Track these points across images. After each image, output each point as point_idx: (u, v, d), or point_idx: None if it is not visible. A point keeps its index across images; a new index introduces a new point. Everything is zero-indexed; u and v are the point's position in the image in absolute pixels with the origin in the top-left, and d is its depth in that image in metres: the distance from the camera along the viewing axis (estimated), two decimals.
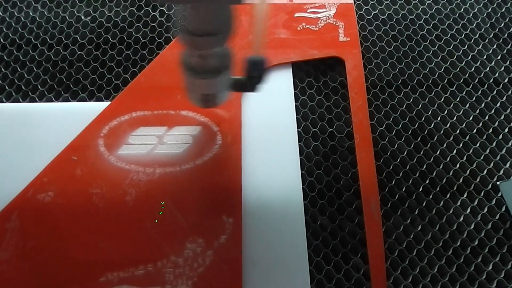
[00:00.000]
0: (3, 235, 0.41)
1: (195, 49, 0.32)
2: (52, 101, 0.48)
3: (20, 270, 0.40)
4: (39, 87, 0.49)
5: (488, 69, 0.51)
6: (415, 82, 0.51)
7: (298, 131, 0.47)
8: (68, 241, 0.41)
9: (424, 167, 0.46)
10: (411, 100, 0.49)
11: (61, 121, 0.46)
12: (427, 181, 0.46)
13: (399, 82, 0.50)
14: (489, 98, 0.50)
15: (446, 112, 0.49)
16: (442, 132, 0.48)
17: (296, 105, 0.48)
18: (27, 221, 0.41)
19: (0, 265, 0.40)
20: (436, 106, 0.49)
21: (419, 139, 0.48)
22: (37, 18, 0.53)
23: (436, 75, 0.51)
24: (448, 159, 0.47)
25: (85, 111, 0.46)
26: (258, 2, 0.33)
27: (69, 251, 0.40)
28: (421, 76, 0.51)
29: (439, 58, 0.52)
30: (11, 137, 0.45)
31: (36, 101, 0.48)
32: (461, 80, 0.51)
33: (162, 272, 0.40)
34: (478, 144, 0.48)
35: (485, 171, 0.46)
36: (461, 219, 0.44)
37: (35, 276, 0.40)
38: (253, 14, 0.33)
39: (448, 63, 0.52)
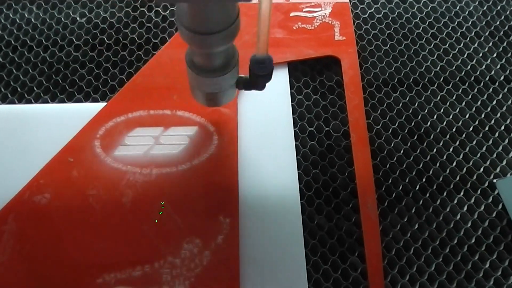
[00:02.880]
0: (0, 237, 0.41)
1: (197, 48, 0.31)
2: (48, 103, 0.48)
3: (17, 273, 0.40)
4: (35, 88, 0.49)
5: (484, 67, 0.51)
6: (411, 80, 0.51)
7: (294, 130, 0.47)
8: (65, 243, 0.41)
9: (421, 165, 0.47)
10: (407, 99, 0.49)
11: (57, 122, 0.46)
12: (424, 180, 0.46)
13: (395, 80, 0.50)
14: (485, 96, 0.50)
15: (442, 110, 0.49)
16: (438, 130, 0.48)
17: (292, 105, 0.48)
18: (23, 223, 0.41)
19: None
20: (432, 104, 0.49)
21: (415, 137, 0.48)
22: (33, 20, 0.53)
23: (432, 74, 0.51)
24: (444, 157, 0.47)
25: (81, 113, 0.46)
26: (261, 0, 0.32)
27: (66, 252, 0.40)
28: (417, 74, 0.51)
29: (435, 56, 0.52)
30: (7, 139, 0.45)
31: (32, 103, 0.48)
32: (457, 78, 0.51)
33: (159, 272, 0.40)
34: (474, 142, 0.48)
35: (481, 169, 0.47)
36: (458, 217, 0.44)
37: (32, 278, 0.40)
38: (257, 12, 0.32)
39: (444, 61, 0.52)
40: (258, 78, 0.36)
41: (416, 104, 0.49)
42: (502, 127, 0.48)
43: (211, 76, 0.34)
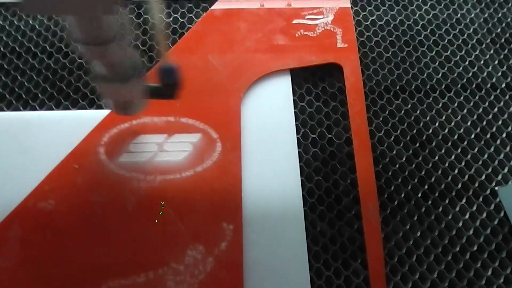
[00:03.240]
0: (5, 243, 0.41)
1: (95, 58, 0.32)
2: (53, 109, 0.48)
3: (21, 278, 0.40)
4: (40, 95, 0.49)
5: (485, 74, 0.52)
6: (413, 87, 0.51)
7: (297, 137, 0.47)
8: (69, 249, 0.41)
9: (423, 172, 0.47)
10: (409, 106, 0.50)
11: (61, 129, 0.46)
12: (426, 187, 0.46)
13: (397, 87, 0.51)
14: (487, 104, 0.50)
15: (444, 117, 0.49)
16: (440, 137, 0.48)
17: (295, 112, 0.48)
18: (28, 229, 0.42)
19: (2, 272, 0.40)
20: (434, 111, 0.50)
21: (417, 144, 0.48)
22: (37, 27, 0.53)
23: (434, 81, 0.51)
24: (446, 164, 0.47)
25: (85, 119, 0.46)
26: (153, 15, 0.33)
27: (71, 259, 0.41)
28: (419, 81, 0.51)
29: (437, 63, 0.52)
30: (12, 146, 0.45)
31: (37, 109, 0.48)
32: (459, 86, 0.51)
33: (163, 279, 0.40)
34: (476, 150, 0.48)
35: (483, 176, 0.47)
36: (460, 224, 0.45)
37: (36, 284, 0.40)
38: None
39: (446, 68, 0.52)
40: (167, 87, 0.37)
41: (418, 111, 0.50)
42: (504, 134, 0.49)
43: (117, 85, 0.35)
